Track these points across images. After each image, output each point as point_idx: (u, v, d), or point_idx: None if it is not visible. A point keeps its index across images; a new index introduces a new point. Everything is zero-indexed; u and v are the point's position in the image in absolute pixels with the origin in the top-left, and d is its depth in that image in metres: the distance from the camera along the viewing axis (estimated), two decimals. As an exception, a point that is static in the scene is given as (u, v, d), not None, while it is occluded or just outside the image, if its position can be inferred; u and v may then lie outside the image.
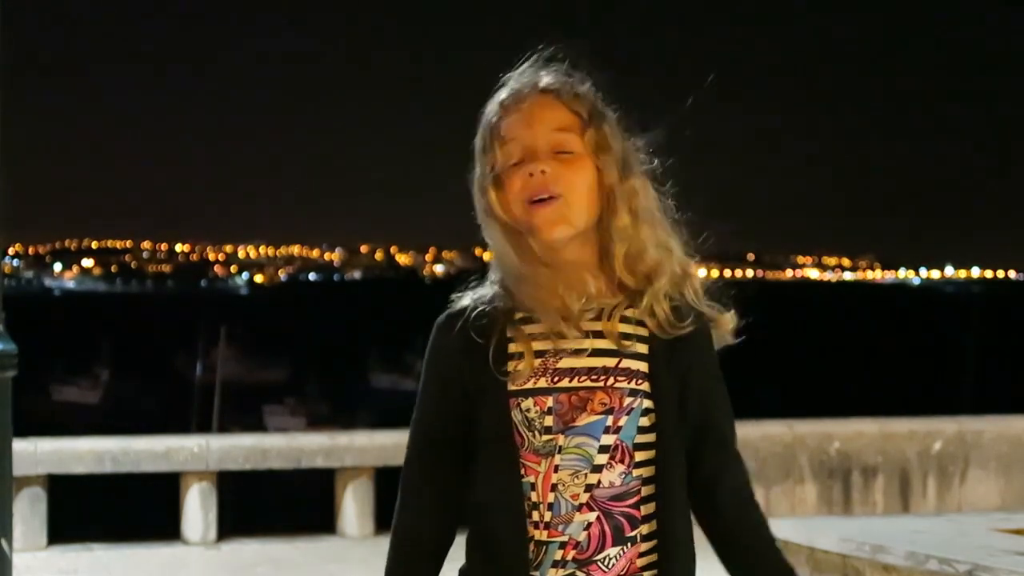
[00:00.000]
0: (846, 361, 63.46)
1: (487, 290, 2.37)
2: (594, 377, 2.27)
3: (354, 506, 8.94)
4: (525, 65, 2.38)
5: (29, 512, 8.48)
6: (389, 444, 9.07)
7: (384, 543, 2.39)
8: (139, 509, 13.09)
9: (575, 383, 2.27)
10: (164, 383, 50.33)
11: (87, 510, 12.31)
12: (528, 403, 2.27)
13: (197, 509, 8.77)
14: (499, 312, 2.31)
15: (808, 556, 5.51)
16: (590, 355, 2.28)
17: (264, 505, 15.92)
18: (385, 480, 9.11)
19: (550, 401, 2.27)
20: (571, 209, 2.28)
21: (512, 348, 2.29)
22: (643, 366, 2.29)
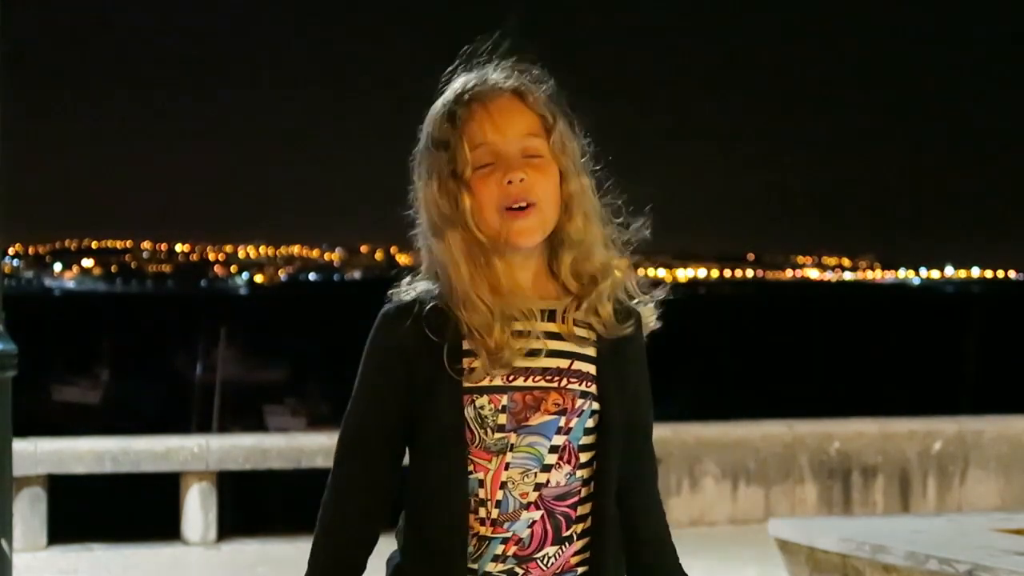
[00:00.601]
0: (846, 361, 63.48)
1: (429, 285, 2.35)
2: (548, 378, 2.28)
3: (354, 506, 8.93)
4: (478, 59, 2.37)
5: (29, 512, 8.48)
6: (389, 444, 9.07)
7: (384, 543, 2.39)
8: (139, 509, 13.08)
9: (530, 382, 2.28)
10: (164, 383, 50.33)
11: (87, 510, 12.30)
12: (483, 400, 2.26)
13: (197, 509, 8.78)
14: (450, 308, 2.30)
15: (808, 556, 5.51)
16: (545, 356, 2.29)
17: (264, 505, 15.92)
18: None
19: (504, 399, 2.27)
20: (545, 216, 2.30)
21: (466, 345, 2.28)
22: (592, 368, 2.31)
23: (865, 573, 5.21)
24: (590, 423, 2.30)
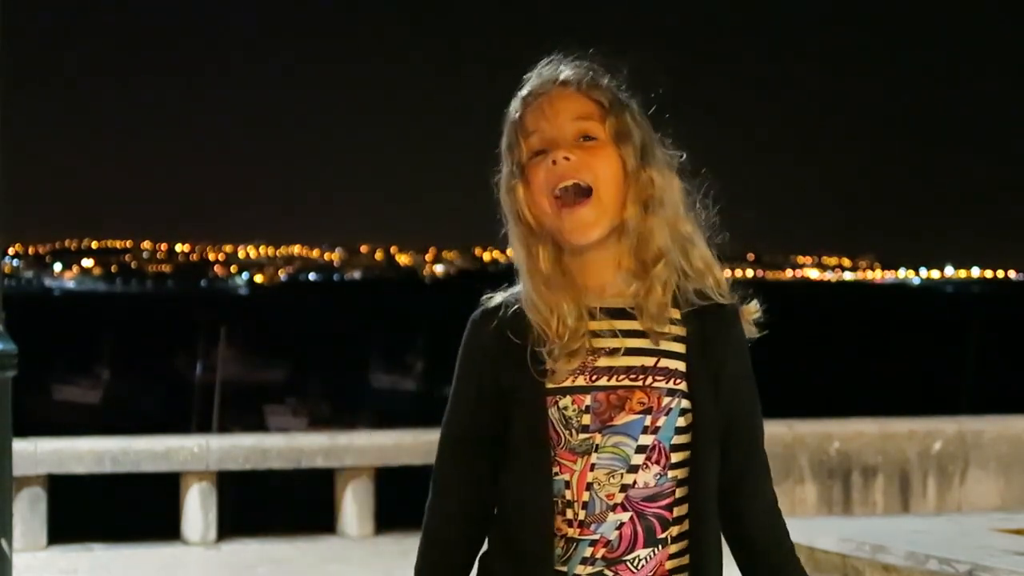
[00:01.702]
0: (846, 361, 63.44)
1: (518, 289, 2.35)
2: (632, 376, 2.26)
3: (354, 506, 8.93)
4: (543, 64, 2.37)
5: (29, 512, 8.47)
6: (389, 444, 9.07)
7: (384, 543, 2.40)
8: (139, 509, 13.08)
9: (613, 382, 2.26)
10: (164, 383, 50.32)
11: (87, 510, 12.30)
12: (566, 401, 2.25)
13: (197, 509, 8.77)
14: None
15: (808, 556, 5.51)
16: (624, 354, 2.26)
17: (264, 505, 15.92)
18: (385, 480, 9.12)
19: (588, 399, 2.25)
20: (604, 209, 2.26)
21: (548, 347, 2.27)
22: (680, 365, 2.27)
23: (865, 573, 5.21)
24: (681, 422, 2.26)
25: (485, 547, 2.36)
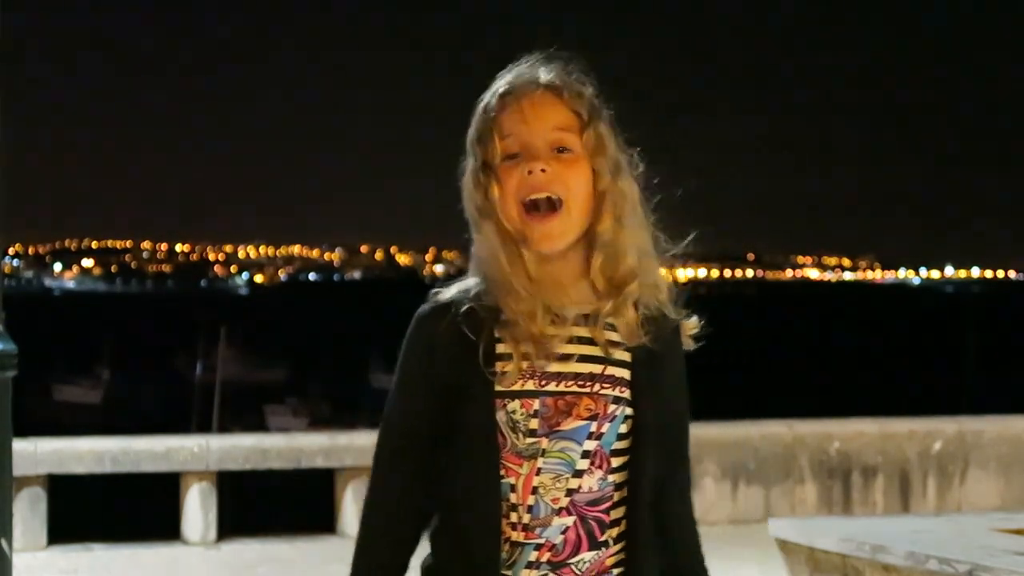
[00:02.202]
0: (846, 361, 63.48)
1: (471, 284, 2.33)
2: (580, 383, 2.27)
3: (354, 506, 8.93)
4: (524, 62, 2.36)
5: (29, 512, 8.48)
6: (389, 444, 9.07)
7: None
8: (139, 509, 13.09)
9: (562, 387, 2.26)
10: (164, 383, 50.36)
11: (87, 510, 12.31)
12: (514, 405, 2.25)
13: (197, 509, 8.78)
14: (486, 310, 2.29)
15: (808, 556, 5.51)
16: (577, 361, 2.28)
17: (264, 505, 15.93)
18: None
19: (536, 404, 2.26)
20: (572, 222, 2.27)
21: (500, 349, 2.27)
22: (626, 373, 2.29)
23: (865, 573, 5.21)
24: (623, 428, 2.28)
25: (429, 549, 2.35)
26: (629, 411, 2.28)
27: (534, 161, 2.26)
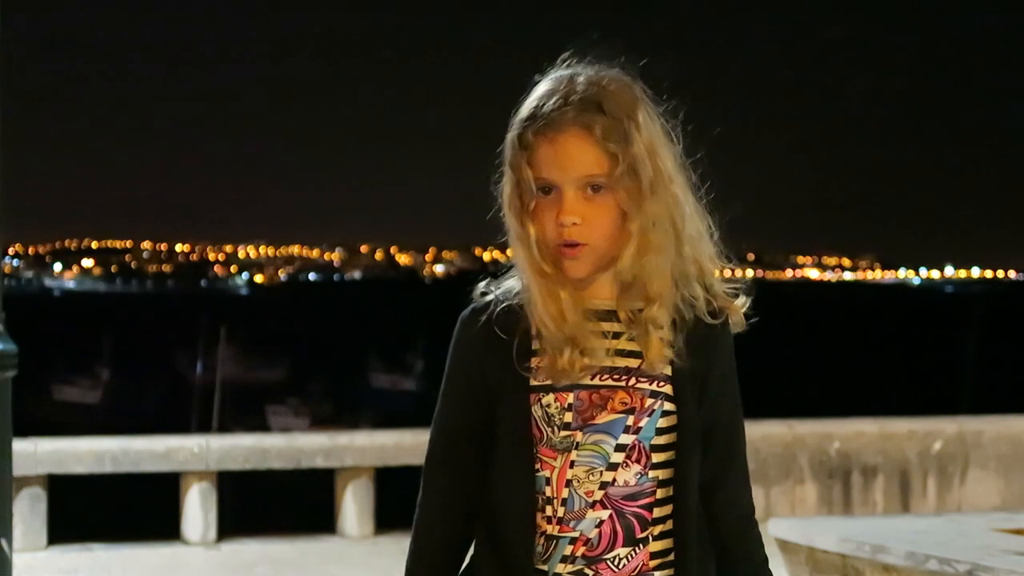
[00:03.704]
0: (846, 361, 63.46)
1: (513, 284, 2.36)
2: (616, 376, 2.28)
3: (354, 506, 8.94)
4: (563, 67, 2.33)
5: (29, 512, 8.48)
6: (389, 444, 9.07)
7: (384, 543, 2.41)
8: (139, 509, 13.09)
9: (596, 381, 2.28)
10: (164, 383, 50.35)
11: (87, 510, 12.31)
12: (549, 399, 2.28)
13: (197, 509, 8.78)
14: (523, 309, 2.32)
15: (808, 556, 5.51)
16: (613, 354, 2.29)
17: (264, 505, 15.93)
18: (385, 480, 9.12)
19: (571, 397, 2.28)
20: (598, 254, 2.28)
21: (535, 345, 2.30)
22: (666, 368, 2.30)
23: (865, 573, 5.21)
24: (663, 423, 2.29)
25: (474, 544, 2.38)
26: (670, 407, 2.28)
27: (567, 214, 2.26)
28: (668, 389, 2.29)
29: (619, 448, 2.27)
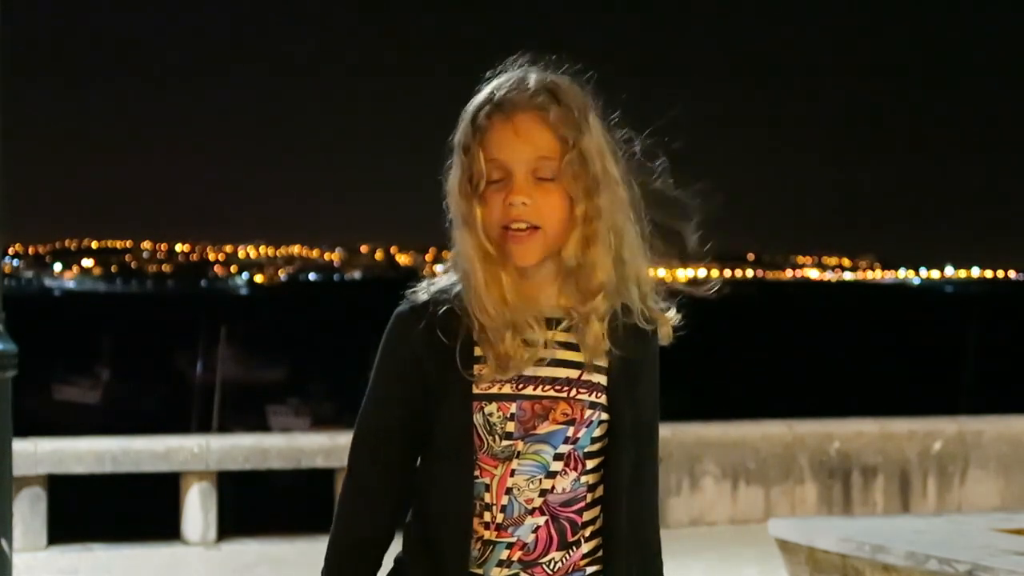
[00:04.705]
0: (846, 361, 63.49)
1: (450, 284, 2.35)
2: (557, 387, 2.30)
3: (354, 506, 8.93)
4: (515, 65, 2.35)
5: (29, 512, 8.48)
6: (389, 444, 9.08)
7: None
8: (139, 509, 13.10)
9: (539, 391, 2.29)
10: (164, 383, 50.37)
11: (87, 510, 12.31)
12: (491, 407, 2.28)
13: (197, 509, 8.78)
14: (465, 312, 2.30)
15: (808, 556, 5.52)
16: (550, 364, 2.30)
17: (264, 505, 15.94)
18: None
19: (513, 407, 2.28)
20: (547, 241, 2.29)
21: (477, 351, 2.29)
22: (603, 379, 2.32)
23: (865, 573, 5.21)
24: (598, 432, 2.31)
25: (400, 546, 2.38)
26: (605, 416, 2.31)
27: (516, 194, 2.27)
28: (604, 400, 2.31)
29: (557, 457, 2.29)
